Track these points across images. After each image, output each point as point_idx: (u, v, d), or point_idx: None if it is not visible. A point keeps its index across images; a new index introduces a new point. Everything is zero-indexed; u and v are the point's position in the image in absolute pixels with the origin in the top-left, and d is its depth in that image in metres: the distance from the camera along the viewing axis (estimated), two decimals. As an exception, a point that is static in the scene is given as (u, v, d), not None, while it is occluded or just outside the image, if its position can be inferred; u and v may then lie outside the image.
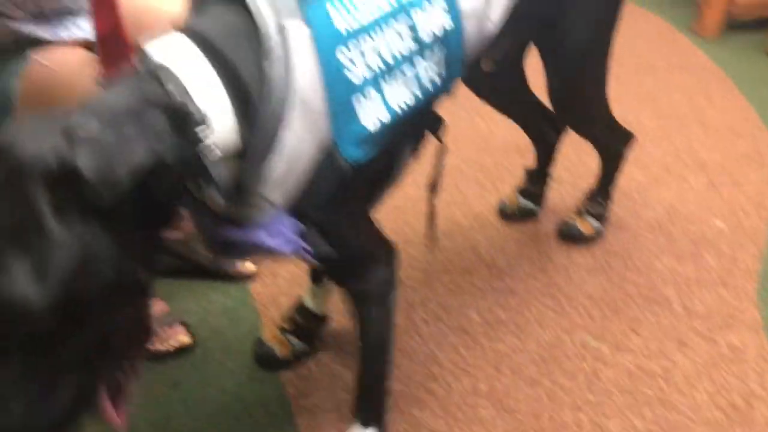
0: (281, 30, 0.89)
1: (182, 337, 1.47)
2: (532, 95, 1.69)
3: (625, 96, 2.43)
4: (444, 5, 1.05)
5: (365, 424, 1.24)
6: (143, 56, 0.88)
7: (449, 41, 1.06)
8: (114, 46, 1.16)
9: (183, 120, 0.83)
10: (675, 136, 2.22)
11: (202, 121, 0.84)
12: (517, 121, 1.78)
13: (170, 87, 0.83)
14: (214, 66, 0.87)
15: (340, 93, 0.94)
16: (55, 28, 1.30)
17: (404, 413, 1.38)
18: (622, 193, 1.95)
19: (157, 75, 0.84)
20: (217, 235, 0.97)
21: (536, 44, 1.45)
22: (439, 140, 1.19)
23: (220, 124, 0.86)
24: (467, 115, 2.18)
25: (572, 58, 1.42)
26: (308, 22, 0.91)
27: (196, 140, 0.83)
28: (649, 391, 1.43)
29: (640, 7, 3.08)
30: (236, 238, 0.96)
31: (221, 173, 0.87)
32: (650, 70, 2.61)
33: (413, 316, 1.58)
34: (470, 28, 1.09)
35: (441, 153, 1.21)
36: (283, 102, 0.88)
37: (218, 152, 0.86)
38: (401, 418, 1.37)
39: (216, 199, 0.89)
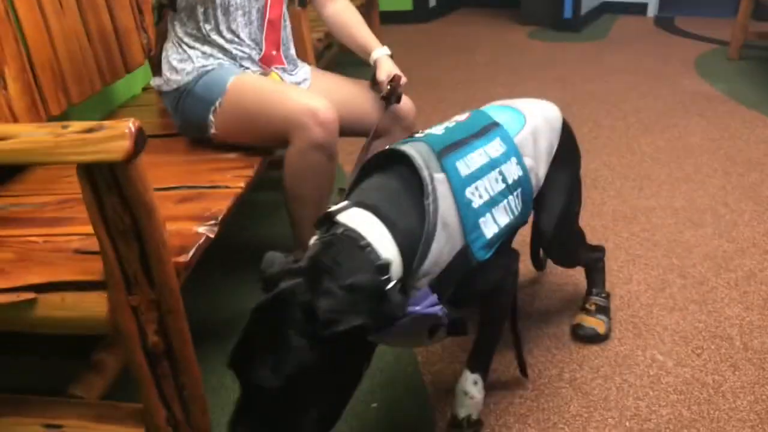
0: (431, 179, 1.39)
1: None
2: None
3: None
4: (516, 161, 1.58)
5: (473, 371, 1.71)
6: (336, 224, 1.31)
7: (522, 184, 1.58)
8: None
9: (382, 274, 1.26)
10: None
11: (388, 269, 1.26)
12: None
13: (368, 251, 1.27)
14: (386, 227, 1.32)
15: (469, 215, 1.42)
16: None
17: (502, 383, 1.86)
18: (709, 257, 2.36)
19: (359, 242, 1.28)
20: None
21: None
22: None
23: (394, 265, 1.29)
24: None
25: (557, 215, 1.78)
26: (446, 172, 1.42)
27: (387, 283, 1.26)
28: (699, 394, 1.81)
29: None
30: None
31: (396, 296, 1.26)
32: None
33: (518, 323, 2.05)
34: (532, 177, 1.62)
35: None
36: (434, 225, 1.40)
37: (395, 282, 1.27)
38: (500, 385, 1.85)
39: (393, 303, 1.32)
